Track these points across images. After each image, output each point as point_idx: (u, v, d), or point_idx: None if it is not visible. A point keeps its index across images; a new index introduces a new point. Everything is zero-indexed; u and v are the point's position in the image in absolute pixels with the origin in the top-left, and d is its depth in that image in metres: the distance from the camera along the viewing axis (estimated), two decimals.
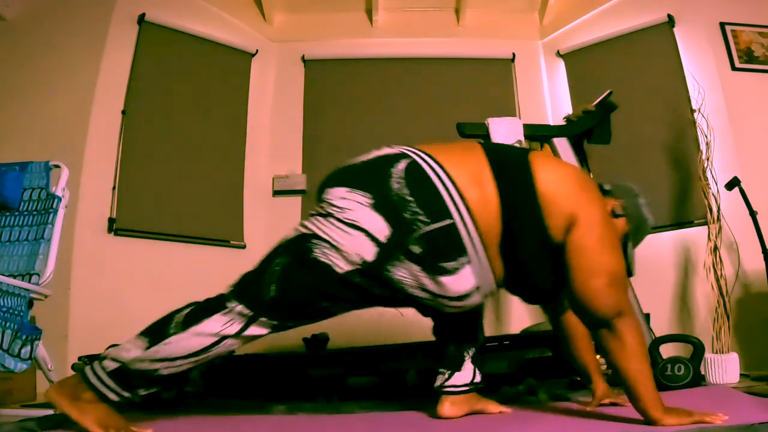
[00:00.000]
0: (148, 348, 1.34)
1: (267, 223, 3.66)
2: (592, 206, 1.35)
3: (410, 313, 1.72)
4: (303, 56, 3.92)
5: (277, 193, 3.70)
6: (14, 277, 1.97)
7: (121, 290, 3.01)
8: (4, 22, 3.34)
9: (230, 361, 2.59)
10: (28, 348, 1.80)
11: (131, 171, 3.19)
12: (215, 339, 1.35)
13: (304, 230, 1.37)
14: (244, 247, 3.55)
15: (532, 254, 1.37)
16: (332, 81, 3.90)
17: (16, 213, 2.15)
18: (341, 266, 1.31)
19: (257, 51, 3.84)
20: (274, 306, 1.35)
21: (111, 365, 1.35)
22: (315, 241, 1.33)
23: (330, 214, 1.33)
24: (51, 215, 2.11)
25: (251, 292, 1.36)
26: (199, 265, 3.34)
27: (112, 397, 1.36)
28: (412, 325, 1.76)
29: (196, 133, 3.51)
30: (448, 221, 1.29)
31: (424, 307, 1.50)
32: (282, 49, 3.96)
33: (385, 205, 1.29)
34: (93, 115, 3.13)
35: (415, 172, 1.32)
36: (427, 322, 1.70)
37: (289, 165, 3.75)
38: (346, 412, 1.83)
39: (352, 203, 1.31)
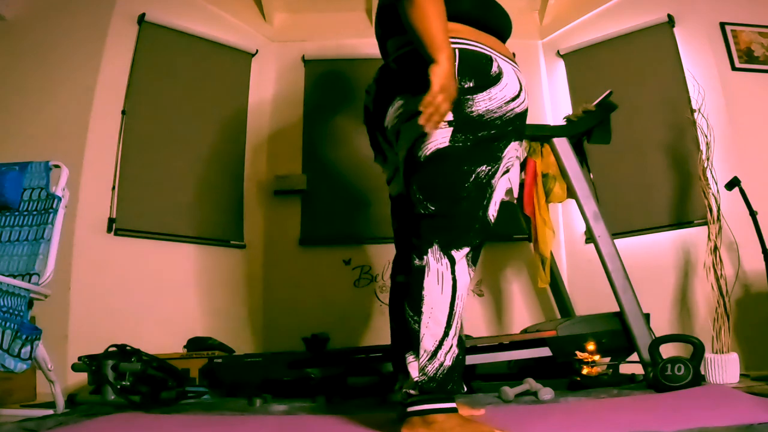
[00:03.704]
0: (418, 357, 1.29)
1: (267, 223, 3.67)
2: None
3: None
4: (303, 56, 3.92)
5: (277, 193, 3.70)
6: (14, 277, 1.97)
7: (121, 290, 3.01)
8: (4, 22, 3.34)
9: (230, 360, 2.59)
10: (28, 348, 1.80)
11: (131, 171, 3.19)
12: (448, 296, 1.31)
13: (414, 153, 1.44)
14: (244, 247, 3.55)
15: None
16: (332, 81, 3.89)
17: (16, 213, 2.15)
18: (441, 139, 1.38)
19: (257, 51, 3.84)
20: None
21: (413, 391, 1.29)
22: (421, 146, 1.40)
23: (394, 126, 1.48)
24: (51, 215, 2.11)
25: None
26: (199, 265, 3.34)
27: (450, 404, 1.29)
28: None
29: (196, 133, 3.50)
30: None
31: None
32: (282, 49, 3.96)
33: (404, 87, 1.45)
34: (93, 115, 3.12)
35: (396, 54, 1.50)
36: None
37: (289, 165, 3.75)
38: (346, 412, 1.83)
39: (396, 107, 1.47)
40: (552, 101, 3.86)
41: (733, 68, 3.24)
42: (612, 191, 3.33)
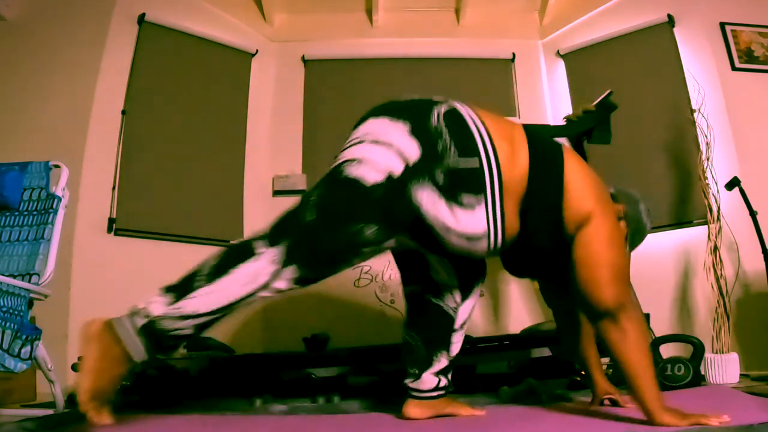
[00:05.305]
0: (173, 303, 1.31)
1: (267, 223, 3.66)
2: (606, 209, 1.41)
3: None
4: (303, 56, 3.92)
5: (277, 193, 3.70)
6: (14, 277, 1.97)
7: (121, 290, 3.00)
8: (4, 22, 3.34)
9: (230, 361, 2.59)
10: (28, 348, 1.80)
11: (131, 171, 3.18)
12: (245, 292, 1.32)
13: (335, 163, 1.42)
14: None
15: (540, 227, 1.42)
16: (332, 81, 3.89)
17: (16, 213, 2.15)
18: (369, 178, 1.34)
19: (257, 51, 3.84)
20: (310, 234, 1.36)
21: (140, 321, 1.31)
22: (346, 163, 1.38)
23: (363, 140, 1.40)
24: (51, 215, 2.11)
25: (288, 225, 1.40)
26: None
27: (137, 356, 1.30)
28: None
29: (196, 133, 3.50)
30: (475, 160, 1.34)
31: (426, 250, 1.52)
32: (282, 49, 3.96)
33: (420, 133, 1.36)
34: (93, 115, 3.12)
35: (455, 115, 1.40)
36: None
37: (289, 165, 3.75)
38: (346, 412, 1.83)
39: (391, 129, 1.38)
40: (552, 101, 3.86)
41: (733, 68, 3.24)
42: None
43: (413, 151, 1.34)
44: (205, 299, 1.31)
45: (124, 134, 3.20)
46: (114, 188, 3.11)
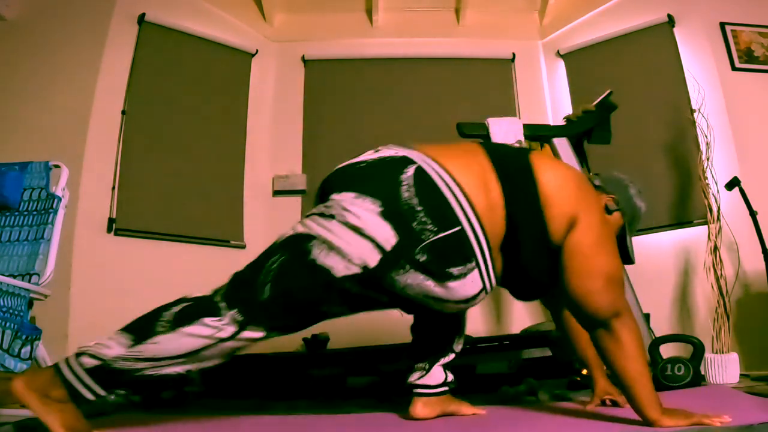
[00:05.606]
0: (133, 346, 1.27)
1: (267, 223, 3.67)
2: (590, 209, 1.37)
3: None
4: (303, 56, 3.92)
5: (277, 193, 3.70)
6: (14, 277, 1.97)
7: (121, 290, 3.01)
8: (4, 22, 3.34)
9: (230, 361, 2.59)
10: (28, 348, 1.81)
11: (131, 171, 3.18)
12: (208, 342, 1.28)
13: (303, 230, 1.31)
14: (244, 247, 3.55)
15: (532, 255, 1.37)
16: (332, 81, 3.90)
17: (16, 213, 2.15)
18: (340, 270, 1.26)
19: (257, 51, 3.84)
20: (266, 309, 1.29)
21: (90, 362, 1.27)
22: (315, 242, 1.27)
23: (334, 216, 1.28)
24: (51, 215, 2.11)
25: (244, 294, 1.30)
26: (199, 265, 3.33)
27: (88, 395, 1.27)
28: None
29: (196, 133, 3.50)
30: (456, 228, 1.26)
31: (413, 306, 1.49)
32: (282, 49, 3.96)
33: (394, 213, 1.25)
34: (93, 115, 3.12)
35: (423, 180, 1.29)
36: None
37: (289, 165, 3.75)
38: (346, 412, 1.83)
39: (360, 209, 1.26)
40: (552, 101, 3.86)
41: (733, 68, 3.24)
42: None
43: (388, 236, 1.24)
44: (166, 345, 1.27)
45: (124, 134, 3.20)
46: (114, 188, 3.11)
